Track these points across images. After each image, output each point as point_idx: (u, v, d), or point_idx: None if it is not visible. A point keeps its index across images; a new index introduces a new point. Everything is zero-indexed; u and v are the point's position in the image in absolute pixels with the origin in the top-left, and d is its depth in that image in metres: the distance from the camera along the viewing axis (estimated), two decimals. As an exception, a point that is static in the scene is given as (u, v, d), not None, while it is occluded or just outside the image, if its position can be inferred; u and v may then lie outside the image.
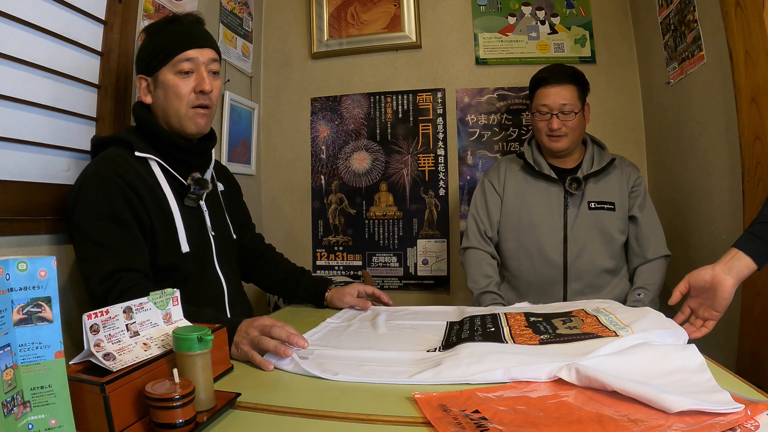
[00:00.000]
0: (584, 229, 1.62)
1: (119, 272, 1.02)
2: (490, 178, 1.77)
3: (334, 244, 2.32)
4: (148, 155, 1.15)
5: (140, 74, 1.21)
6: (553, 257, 1.63)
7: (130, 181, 1.09)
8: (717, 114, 1.56)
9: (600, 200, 1.63)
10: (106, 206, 1.05)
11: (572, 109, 1.59)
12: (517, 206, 1.69)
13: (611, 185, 1.65)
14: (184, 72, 1.17)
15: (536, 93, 1.66)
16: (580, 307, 1.15)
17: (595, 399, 0.67)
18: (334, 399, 0.74)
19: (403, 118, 2.27)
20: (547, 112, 1.61)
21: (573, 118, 1.59)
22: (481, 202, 1.76)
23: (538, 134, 1.67)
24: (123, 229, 1.06)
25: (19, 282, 0.56)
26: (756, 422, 0.58)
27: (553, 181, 1.66)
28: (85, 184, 1.08)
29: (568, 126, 1.60)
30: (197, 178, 1.22)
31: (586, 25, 2.16)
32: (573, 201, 1.64)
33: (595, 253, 1.61)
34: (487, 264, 1.70)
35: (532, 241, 1.65)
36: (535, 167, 1.68)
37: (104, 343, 0.67)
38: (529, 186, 1.70)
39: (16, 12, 1.14)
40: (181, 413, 0.61)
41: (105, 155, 1.12)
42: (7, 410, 0.53)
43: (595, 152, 1.69)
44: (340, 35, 2.30)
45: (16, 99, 1.15)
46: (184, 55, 1.16)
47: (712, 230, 1.63)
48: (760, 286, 1.38)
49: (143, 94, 1.21)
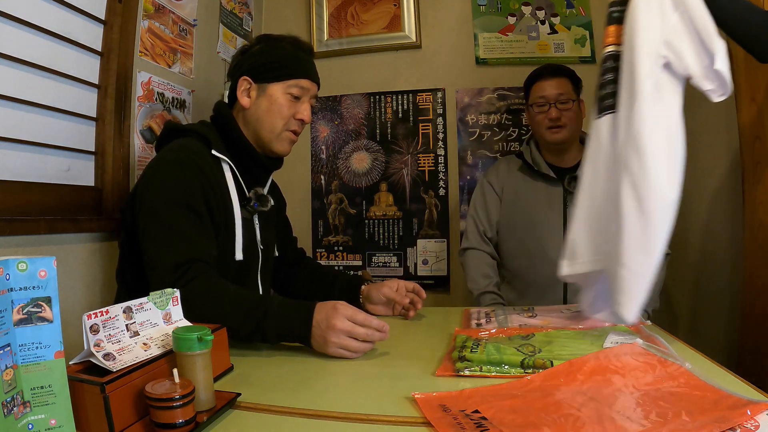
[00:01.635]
0: None
1: (190, 262, 1.00)
2: (489, 178, 1.77)
3: (334, 244, 2.32)
4: (223, 156, 1.16)
5: (245, 76, 1.23)
6: (553, 257, 1.62)
7: (209, 175, 1.10)
8: (717, 114, 1.56)
9: None
10: (184, 193, 1.05)
11: (569, 97, 1.61)
12: (517, 206, 1.69)
13: None
14: (293, 96, 1.22)
15: (532, 88, 1.67)
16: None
17: (596, 399, 0.67)
18: (334, 399, 0.74)
19: (403, 118, 2.27)
20: (544, 103, 1.62)
21: (571, 106, 1.61)
22: (480, 203, 1.76)
23: (537, 128, 1.67)
24: (198, 217, 1.06)
25: (19, 282, 0.56)
26: (756, 422, 0.58)
27: (553, 180, 1.66)
28: (162, 168, 1.09)
29: (567, 116, 1.61)
30: (260, 194, 1.24)
31: (586, 25, 2.16)
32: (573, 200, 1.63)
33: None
34: (486, 264, 1.70)
35: (532, 240, 1.65)
36: (534, 167, 1.68)
37: (104, 343, 0.67)
38: (528, 186, 1.70)
39: (16, 12, 1.14)
40: (181, 413, 0.61)
41: (185, 144, 1.13)
42: (7, 410, 0.53)
43: None
44: (340, 35, 2.30)
45: (16, 99, 1.15)
46: (300, 82, 1.22)
47: (712, 230, 1.63)
48: (760, 286, 1.38)
49: (242, 94, 1.23)
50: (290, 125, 1.24)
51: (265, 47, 1.24)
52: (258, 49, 1.25)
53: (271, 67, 1.22)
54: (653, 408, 0.63)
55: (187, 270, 0.99)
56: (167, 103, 1.66)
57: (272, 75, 1.21)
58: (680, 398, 0.66)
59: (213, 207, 1.10)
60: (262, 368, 0.90)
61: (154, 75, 1.58)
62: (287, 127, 1.23)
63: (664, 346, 0.87)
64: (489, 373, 0.80)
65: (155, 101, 1.60)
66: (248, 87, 1.23)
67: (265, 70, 1.22)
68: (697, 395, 0.66)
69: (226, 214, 1.14)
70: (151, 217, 1.04)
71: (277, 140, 1.24)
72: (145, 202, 1.06)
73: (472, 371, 0.81)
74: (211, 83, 1.92)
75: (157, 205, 1.04)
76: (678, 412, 0.61)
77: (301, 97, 1.23)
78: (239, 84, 1.23)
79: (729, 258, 1.52)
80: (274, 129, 1.22)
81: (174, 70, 1.69)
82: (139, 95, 1.52)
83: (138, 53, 1.51)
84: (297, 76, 1.22)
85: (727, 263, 1.53)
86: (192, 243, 1.03)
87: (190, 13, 1.77)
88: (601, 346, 0.87)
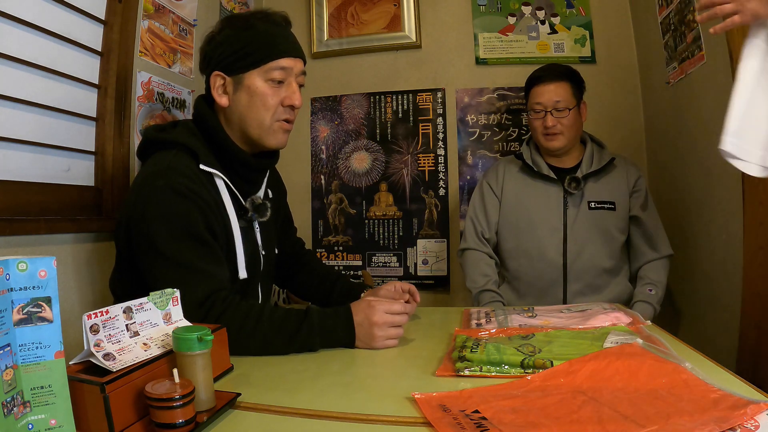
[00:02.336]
0: (584, 228, 1.61)
1: (212, 295, 0.96)
2: (488, 179, 1.77)
3: (334, 244, 2.32)
4: (213, 171, 1.06)
5: (217, 71, 1.09)
6: (553, 257, 1.63)
7: (205, 198, 1.02)
8: (717, 114, 1.55)
9: (600, 200, 1.63)
10: (186, 225, 0.98)
11: (566, 105, 1.59)
12: (516, 207, 1.69)
13: (611, 185, 1.64)
14: (276, 81, 1.08)
15: (531, 92, 1.66)
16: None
17: (595, 398, 0.67)
18: (334, 399, 0.74)
19: (403, 118, 2.27)
20: (541, 110, 1.61)
21: (567, 114, 1.59)
22: (479, 204, 1.76)
23: (535, 133, 1.67)
24: (205, 246, 1.00)
25: (19, 282, 0.56)
26: (756, 422, 0.58)
27: (552, 181, 1.66)
28: (155, 198, 0.98)
29: (563, 124, 1.60)
30: (257, 204, 1.14)
31: (586, 25, 2.16)
32: (573, 201, 1.63)
33: (595, 253, 1.61)
34: (485, 264, 1.70)
35: (531, 241, 1.65)
36: (533, 168, 1.68)
37: (104, 343, 0.67)
38: (528, 186, 1.69)
39: (16, 12, 1.14)
40: (181, 413, 0.61)
41: (173, 166, 1.01)
42: (7, 410, 0.53)
43: (595, 151, 1.68)
44: (340, 35, 2.30)
45: (16, 99, 1.15)
46: (279, 63, 1.07)
47: (712, 230, 1.63)
48: (760, 286, 1.38)
49: (218, 93, 1.10)
50: (279, 114, 1.10)
51: (230, 33, 1.08)
52: (224, 35, 1.09)
53: (243, 54, 1.06)
54: (653, 408, 0.63)
55: (212, 305, 0.95)
56: (167, 103, 1.66)
57: (245, 63, 1.06)
58: (680, 398, 0.65)
59: (215, 230, 1.04)
60: (262, 368, 0.90)
61: (154, 75, 1.58)
62: (276, 117, 1.10)
63: (664, 346, 0.87)
64: (489, 373, 0.80)
65: (155, 101, 1.60)
66: (222, 83, 1.10)
67: (236, 59, 1.07)
68: (697, 395, 0.66)
69: (226, 233, 1.07)
70: (158, 257, 0.97)
71: (269, 134, 1.11)
72: (144, 237, 0.98)
73: (472, 371, 0.81)
74: (211, 83, 1.92)
75: (160, 244, 0.97)
76: (678, 411, 0.61)
77: (284, 80, 1.09)
78: (212, 81, 1.10)
79: (729, 258, 1.52)
80: (262, 124, 1.09)
81: (174, 70, 1.69)
82: (139, 95, 1.52)
83: (138, 53, 1.51)
84: (274, 56, 1.06)
85: (727, 263, 1.53)
86: (207, 276, 0.98)
87: (190, 13, 1.77)
88: (601, 346, 0.87)
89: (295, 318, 0.98)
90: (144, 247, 0.99)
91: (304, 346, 0.96)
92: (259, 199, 1.16)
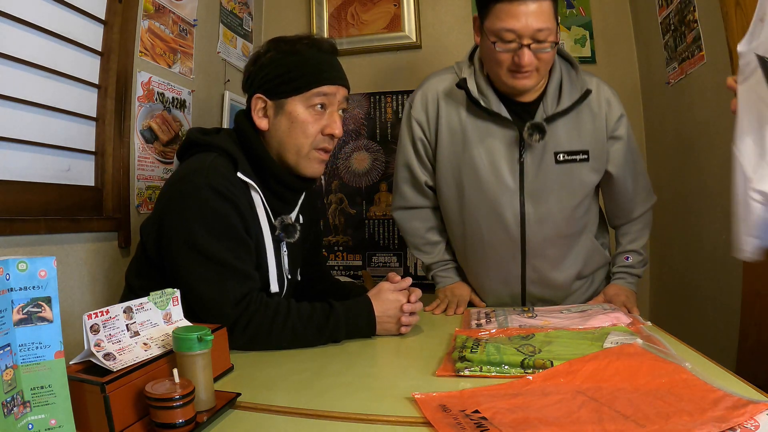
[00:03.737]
0: (548, 188, 1.24)
1: (249, 294, 0.99)
2: (416, 114, 1.32)
3: (334, 244, 2.32)
4: (250, 181, 1.06)
5: (259, 94, 1.09)
6: (506, 227, 1.27)
7: (243, 202, 1.03)
8: (717, 114, 1.55)
9: (571, 149, 1.23)
10: (225, 223, 0.99)
11: (549, 34, 1.11)
12: (454, 159, 1.28)
13: (585, 125, 1.24)
14: (318, 107, 1.07)
15: (495, 8, 1.11)
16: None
17: (595, 398, 0.67)
18: (334, 399, 0.74)
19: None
20: (513, 39, 1.11)
21: (549, 47, 1.13)
22: (408, 145, 1.35)
23: (496, 67, 1.18)
24: (243, 247, 1.02)
25: (19, 282, 0.56)
26: (756, 422, 0.58)
27: (506, 123, 1.23)
28: (195, 194, 0.98)
29: (543, 59, 1.14)
30: (286, 224, 1.12)
31: (586, 25, 2.16)
32: (532, 151, 1.23)
33: (561, 218, 1.26)
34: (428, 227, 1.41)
35: (476, 207, 1.28)
36: (481, 102, 1.23)
37: (104, 343, 0.67)
38: (473, 130, 1.25)
39: (16, 12, 1.14)
40: (181, 413, 0.61)
41: (215, 167, 1.02)
42: (7, 410, 0.53)
43: (564, 78, 1.24)
44: (340, 35, 2.30)
45: (16, 99, 1.15)
46: (321, 90, 1.07)
47: (712, 230, 1.63)
48: (760, 286, 1.38)
49: (258, 116, 1.09)
50: (318, 143, 1.09)
51: (276, 55, 1.08)
52: (269, 58, 1.09)
53: (286, 79, 1.06)
54: (653, 408, 0.63)
55: (247, 305, 0.98)
56: (167, 103, 1.66)
57: (288, 88, 1.06)
58: (680, 398, 0.66)
59: (251, 235, 1.05)
60: (262, 368, 0.90)
61: (154, 75, 1.58)
62: (315, 145, 1.09)
63: (664, 346, 0.87)
64: (489, 373, 0.80)
65: (155, 101, 1.60)
66: (263, 106, 1.09)
67: (279, 83, 1.07)
68: (697, 395, 0.66)
69: (258, 244, 1.07)
70: (195, 253, 0.97)
71: (305, 162, 1.10)
72: (181, 233, 0.98)
73: (472, 371, 0.81)
74: (211, 83, 1.92)
75: (198, 240, 0.97)
76: (678, 411, 0.61)
77: (326, 107, 1.09)
78: (253, 104, 1.09)
79: (729, 257, 1.52)
80: (300, 150, 1.09)
81: (174, 70, 1.69)
82: (139, 95, 1.52)
83: (138, 53, 1.51)
84: (317, 83, 1.06)
85: (727, 263, 1.53)
86: (244, 275, 1.00)
87: (190, 13, 1.77)
88: (601, 346, 0.87)
89: (321, 311, 1.02)
90: (179, 242, 0.99)
91: (330, 337, 1.02)
92: (290, 220, 1.15)
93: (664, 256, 1.99)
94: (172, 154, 1.67)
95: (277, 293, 1.11)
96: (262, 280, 1.08)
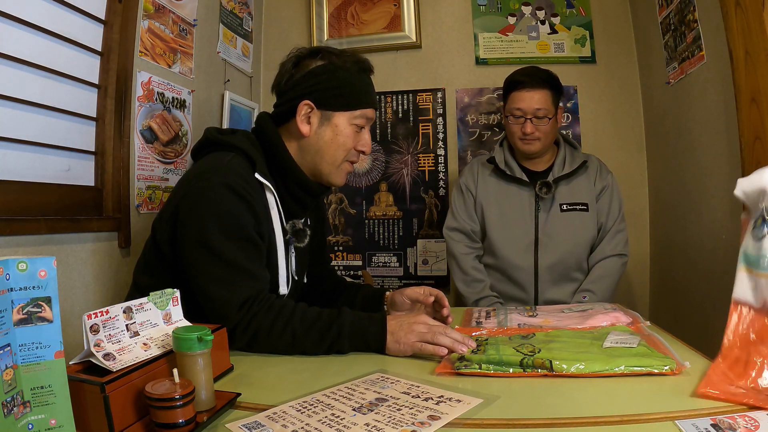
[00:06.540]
0: (556, 232, 1.63)
1: (255, 296, 0.99)
2: (464, 180, 1.77)
3: (334, 244, 2.32)
4: (266, 182, 1.07)
5: (307, 101, 1.10)
6: (524, 259, 1.64)
7: (258, 203, 1.04)
8: (717, 114, 1.55)
9: (572, 201, 1.65)
10: (238, 224, 1.00)
11: (546, 113, 1.59)
12: (489, 209, 1.70)
13: (584, 186, 1.66)
14: (359, 127, 1.13)
15: (511, 96, 1.64)
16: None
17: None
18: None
19: (403, 118, 2.27)
20: (520, 115, 1.60)
21: (546, 123, 1.59)
22: (460, 202, 1.76)
23: (511, 137, 1.67)
24: (254, 248, 1.02)
25: (19, 282, 0.56)
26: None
27: (525, 184, 1.66)
28: (210, 192, 0.99)
29: (542, 130, 1.60)
30: (297, 228, 1.15)
31: (586, 25, 2.16)
32: (544, 204, 1.65)
33: (567, 254, 1.62)
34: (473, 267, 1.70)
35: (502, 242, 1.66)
36: (506, 171, 1.68)
37: (104, 343, 0.67)
38: (501, 190, 1.70)
39: (16, 12, 1.14)
40: (182, 413, 0.61)
41: (231, 165, 1.03)
42: (7, 410, 0.53)
43: (567, 154, 1.69)
44: (340, 35, 2.30)
45: (16, 99, 1.15)
46: (366, 113, 1.13)
47: (712, 230, 1.63)
48: (760, 286, 1.38)
49: (302, 121, 1.11)
50: (350, 156, 1.15)
51: (329, 66, 1.11)
52: (320, 68, 1.11)
53: (339, 94, 1.10)
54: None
55: (251, 307, 0.97)
56: (167, 103, 1.66)
57: (339, 103, 1.11)
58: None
59: (263, 236, 1.05)
60: (262, 368, 0.90)
61: (154, 75, 1.58)
62: (347, 158, 1.15)
63: (664, 346, 0.87)
64: (488, 371, 0.80)
65: (155, 101, 1.60)
66: (309, 112, 1.11)
67: (331, 96, 1.10)
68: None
69: (269, 245, 1.08)
70: (205, 251, 0.98)
71: (336, 172, 1.15)
72: (193, 230, 0.99)
73: (471, 369, 0.81)
74: (211, 83, 1.92)
75: (211, 239, 0.97)
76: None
77: (363, 128, 1.15)
78: (299, 108, 1.10)
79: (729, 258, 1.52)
80: (335, 161, 1.13)
81: (174, 70, 1.69)
82: (139, 95, 1.52)
83: (138, 53, 1.51)
84: (365, 105, 1.13)
85: (728, 262, 1.53)
86: (252, 277, 1.00)
87: (190, 13, 1.77)
88: (601, 345, 0.87)
89: (327, 318, 0.98)
90: (191, 240, 1.00)
91: (333, 346, 0.96)
92: (300, 224, 1.17)
93: (664, 257, 1.99)
94: (172, 154, 1.68)
95: (285, 295, 1.11)
96: (272, 281, 1.08)
